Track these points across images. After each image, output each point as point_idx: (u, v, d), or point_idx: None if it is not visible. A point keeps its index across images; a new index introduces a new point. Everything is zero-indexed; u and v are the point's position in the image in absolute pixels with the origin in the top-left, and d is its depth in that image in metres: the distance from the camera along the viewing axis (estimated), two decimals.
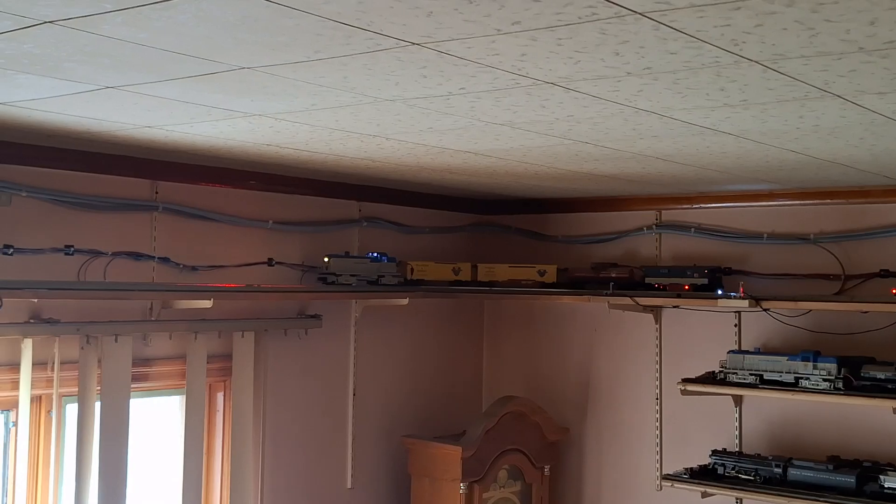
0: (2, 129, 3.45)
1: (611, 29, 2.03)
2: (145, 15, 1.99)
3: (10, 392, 3.87)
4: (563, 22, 1.97)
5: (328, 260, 4.71)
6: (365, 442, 5.21)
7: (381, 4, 1.87)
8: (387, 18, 1.97)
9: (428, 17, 1.96)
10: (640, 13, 1.91)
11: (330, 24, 2.03)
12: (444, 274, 5.18)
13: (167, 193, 4.33)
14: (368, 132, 3.32)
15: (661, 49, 2.18)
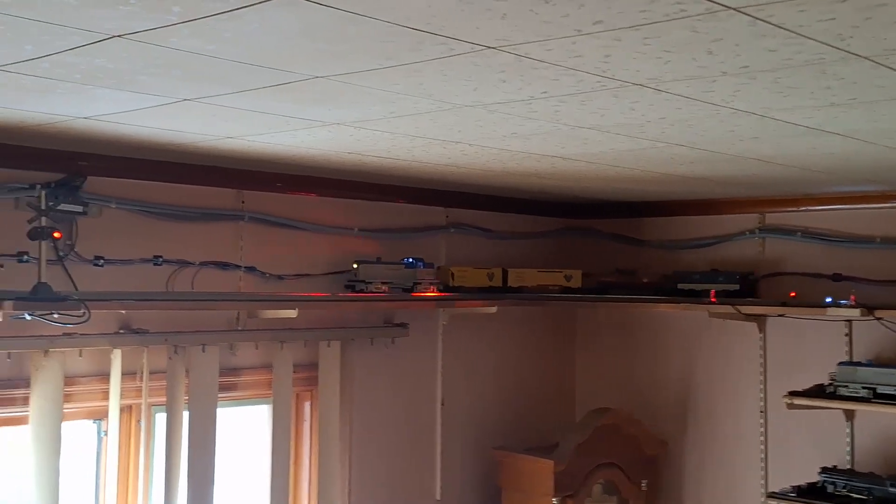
0: (89, 143, 3.47)
1: (702, 26, 1.87)
2: (211, 26, 1.92)
3: (101, 402, 3.90)
4: (648, 20, 1.83)
5: (357, 266, 4.43)
6: (453, 453, 5.10)
7: (452, 7, 1.76)
8: (458, 22, 1.86)
9: (502, 20, 1.83)
10: (735, 8, 1.75)
11: (398, 29, 1.92)
12: (480, 280, 4.93)
13: (253, 202, 4.32)
14: (450, 138, 3.22)
15: (759, 46, 2.01)
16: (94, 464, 4.03)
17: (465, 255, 5.03)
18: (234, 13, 1.84)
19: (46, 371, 3.64)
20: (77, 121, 3.03)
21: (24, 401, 3.66)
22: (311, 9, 1.80)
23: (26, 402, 3.65)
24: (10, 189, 3.61)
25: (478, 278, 4.87)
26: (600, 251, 5.67)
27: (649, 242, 5.50)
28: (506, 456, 4.98)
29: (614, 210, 5.57)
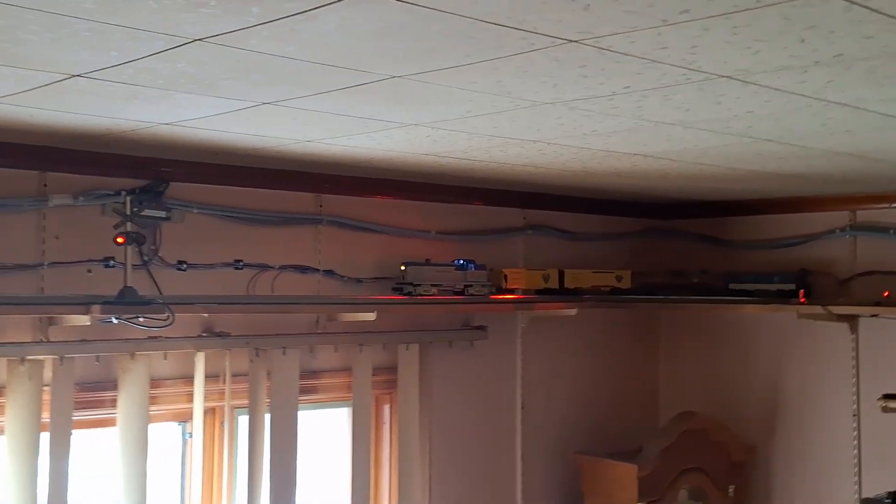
0: (171, 149, 3.52)
1: (795, 13, 1.80)
2: (290, 27, 1.92)
3: (186, 404, 3.95)
4: (738, 8, 1.76)
5: (405, 268, 4.31)
6: (534, 457, 5.04)
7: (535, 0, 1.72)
8: (540, 15, 1.82)
9: (585, 11, 1.79)
10: None
11: (479, 25, 1.89)
12: (535, 282, 4.74)
13: (331, 206, 4.33)
14: (528, 138, 3.17)
15: (855, 33, 1.92)
16: (178, 465, 4.09)
17: (543, 257, 4.97)
18: (311, 13, 1.83)
19: (133, 374, 3.70)
20: (160, 127, 3.07)
21: (111, 403, 3.73)
22: (390, 7, 1.78)
23: (114, 405, 3.72)
24: (97, 196, 3.68)
25: (533, 280, 4.73)
26: (684, 252, 5.54)
27: (735, 242, 5.36)
28: (588, 460, 4.90)
29: (698, 210, 5.44)
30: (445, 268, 4.42)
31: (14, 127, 3.09)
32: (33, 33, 2.01)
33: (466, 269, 4.48)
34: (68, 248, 3.64)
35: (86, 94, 2.58)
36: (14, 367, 3.44)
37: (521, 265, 4.90)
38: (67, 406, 3.55)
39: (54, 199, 3.59)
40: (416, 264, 4.34)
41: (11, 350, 3.43)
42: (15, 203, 3.52)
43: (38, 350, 3.49)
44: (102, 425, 3.80)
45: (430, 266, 4.39)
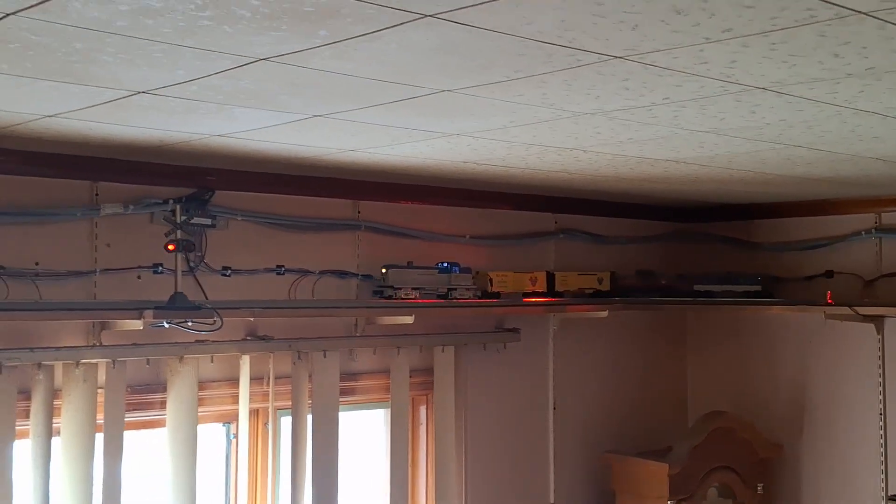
0: (220, 159, 3.65)
1: (830, 31, 1.90)
2: (353, 47, 2.04)
3: (231, 406, 4.08)
4: (777, 26, 1.87)
5: (385, 271, 4.24)
6: (566, 456, 5.15)
7: (585, 21, 1.84)
8: (590, 34, 1.93)
9: (633, 31, 1.90)
10: (865, 13, 1.78)
11: (531, 43, 2.01)
12: (522, 285, 4.70)
13: (368, 212, 4.45)
14: (566, 146, 3.28)
15: (887, 48, 2.03)
16: (223, 465, 4.22)
17: (574, 260, 5.08)
18: (375, 34, 1.95)
19: (181, 376, 3.83)
20: (212, 138, 3.20)
21: (161, 405, 3.86)
22: (448, 28, 1.90)
23: (163, 406, 3.85)
24: (146, 204, 3.81)
25: (519, 283, 4.68)
26: (711, 254, 5.64)
27: (761, 245, 5.45)
28: (618, 459, 5.00)
29: (725, 213, 5.53)
30: (428, 271, 4.36)
31: (71, 139, 3.23)
32: (110, 55, 2.14)
33: (450, 271, 4.41)
34: (119, 256, 3.77)
35: (148, 108, 2.71)
36: (69, 370, 3.57)
37: (553, 269, 5.01)
38: (120, 408, 3.68)
39: (106, 207, 3.73)
40: (397, 267, 4.28)
41: (67, 354, 3.57)
42: (69, 212, 3.66)
43: (92, 354, 3.63)
44: (152, 426, 3.93)
45: (412, 269, 4.32)
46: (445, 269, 4.40)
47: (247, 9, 1.80)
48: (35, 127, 3.00)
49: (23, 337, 3.52)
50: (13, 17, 1.85)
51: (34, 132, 3.09)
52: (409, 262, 4.36)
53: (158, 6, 1.78)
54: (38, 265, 3.57)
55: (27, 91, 2.49)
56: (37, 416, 3.49)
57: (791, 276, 5.21)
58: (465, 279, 4.45)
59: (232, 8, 1.79)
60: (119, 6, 1.79)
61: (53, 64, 2.21)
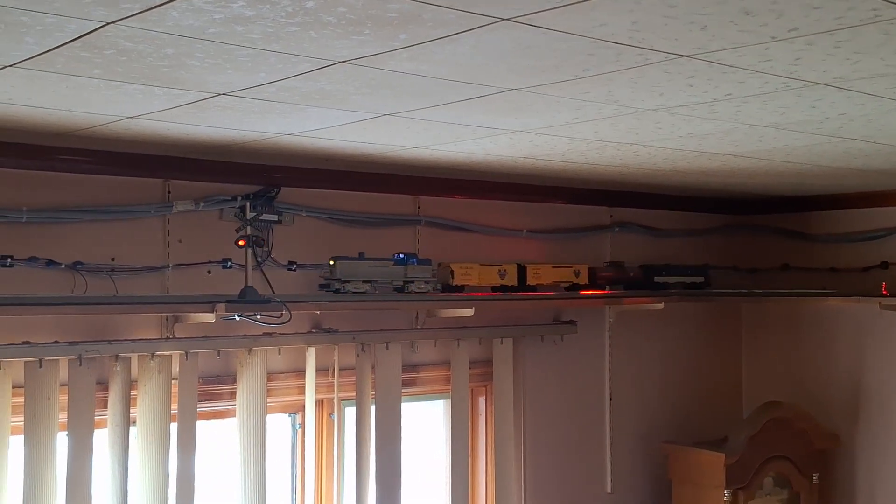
0: (287, 157, 3.77)
1: (894, 29, 1.96)
2: (429, 49, 2.13)
3: (297, 396, 4.21)
4: (843, 25, 1.93)
5: (333, 263, 3.97)
6: (623, 446, 5.22)
7: (657, 22, 1.91)
8: (660, 35, 2.00)
9: (702, 31, 1.97)
10: None
11: (601, 44, 2.08)
12: (490, 278, 4.46)
13: (428, 207, 4.55)
14: (626, 141, 3.35)
15: None
16: (289, 454, 4.34)
17: (630, 253, 5.13)
18: (452, 37, 2.05)
19: (250, 368, 3.96)
20: (283, 137, 3.32)
21: (231, 395, 4.00)
22: (524, 30, 1.99)
23: (233, 397, 3.99)
24: (216, 201, 3.95)
25: (487, 276, 4.44)
26: (766, 247, 5.66)
27: (816, 237, 5.46)
28: (675, 449, 5.06)
29: (780, 205, 5.55)
30: (382, 262, 4.11)
31: (148, 140, 3.36)
32: (198, 60, 2.26)
33: (406, 263, 4.16)
34: (190, 251, 3.91)
35: (226, 109, 2.83)
36: (145, 362, 3.71)
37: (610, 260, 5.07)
38: (193, 398, 3.81)
39: (178, 205, 3.86)
40: (346, 258, 4.02)
41: (142, 346, 3.71)
42: (143, 209, 3.80)
43: (166, 346, 3.77)
44: (222, 416, 4.07)
45: (363, 260, 4.07)
46: (401, 261, 4.15)
47: (333, 15, 1.90)
48: (116, 128, 3.13)
49: (100, 330, 3.67)
50: (112, 25, 1.97)
51: (114, 133, 3.22)
52: (360, 252, 4.10)
53: (250, 14, 1.89)
54: (114, 261, 3.72)
55: (114, 94, 2.61)
56: (114, 406, 3.64)
57: (846, 267, 5.21)
58: (424, 271, 4.19)
59: (319, 14, 1.89)
60: (214, 15, 1.90)
61: (143, 69, 2.33)
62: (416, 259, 4.18)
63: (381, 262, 4.09)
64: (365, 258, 4.07)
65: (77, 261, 3.58)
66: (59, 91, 2.56)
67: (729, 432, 5.08)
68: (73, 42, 2.07)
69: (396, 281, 4.13)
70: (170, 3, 1.82)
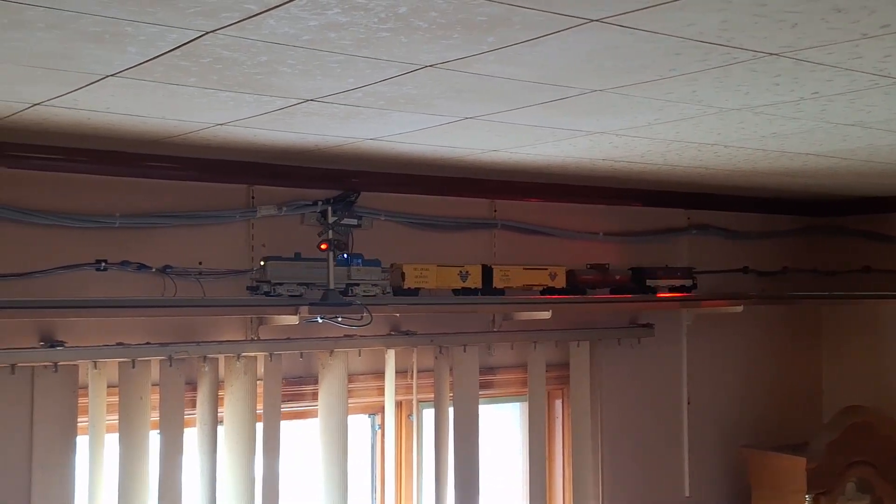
0: (366, 161, 3.83)
1: None
2: (516, 51, 2.17)
3: (376, 398, 4.27)
4: None
5: (263, 263, 3.68)
6: (701, 450, 5.17)
7: (746, 21, 1.92)
8: (749, 33, 2.01)
9: (792, 29, 1.97)
10: None
11: (689, 43, 2.09)
12: (450, 280, 4.15)
13: (504, 211, 4.58)
14: (707, 141, 3.34)
15: None
16: (369, 454, 4.41)
17: (708, 256, 5.10)
18: (539, 39, 2.08)
19: (332, 369, 4.03)
20: (365, 142, 3.38)
21: (313, 396, 4.07)
22: (612, 31, 2.01)
23: (315, 398, 4.06)
24: (297, 206, 4.03)
25: (445, 278, 4.13)
26: (846, 249, 5.56)
27: None
28: (755, 454, 5.00)
29: (861, 206, 5.45)
30: (318, 263, 3.77)
31: (234, 146, 3.46)
32: (290, 66, 2.33)
33: (350, 264, 3.85)
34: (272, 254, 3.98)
35: (312, 115, 2.90)
36: (231, 363, 3.81)
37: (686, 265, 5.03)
38: (277, 398, 3.90)
39: (262, 210, 3.95)
40: (278, 259, 3.72)
41: (229, 347, 3.81)
42: (229, 214, 3.90)
43: (251, 347, 3.86)
44: (304, 417, 4.15)
45: (298, 261, 3.75)
46: (344, 262, 3.83)
47: (425, 20, 1.94)
48: (205, 134, 3.23)
49: (189, 332, 3.77)
50: (211, 34, 2.05)
51: (203, 139, 3.32)
52: (296, 252, 3.78)
53: (344, 21, 1.95)
54: (201, 264, 3.82)
55: (207, 101, 2.70)
56: (203, 405, 3.74)
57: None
58: (372, 273, 3.90)
59: (411, 20, 1.94)
60: (309, 22, 1.96)
61: (237, 76, 2.41)
62: (361, 259, 3.88)
63: (320, 263, 3.75)
64: (301, 258, 3.74)
65: (166, 265, 3.69)
66: (155, 99, 2.66)
67: (809, 437, 5.01)
68: (173, 51, 2.16)
69: (339, 283, 3.80)
70: (268, 12, 1.89)
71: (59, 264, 3.47)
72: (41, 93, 2.54)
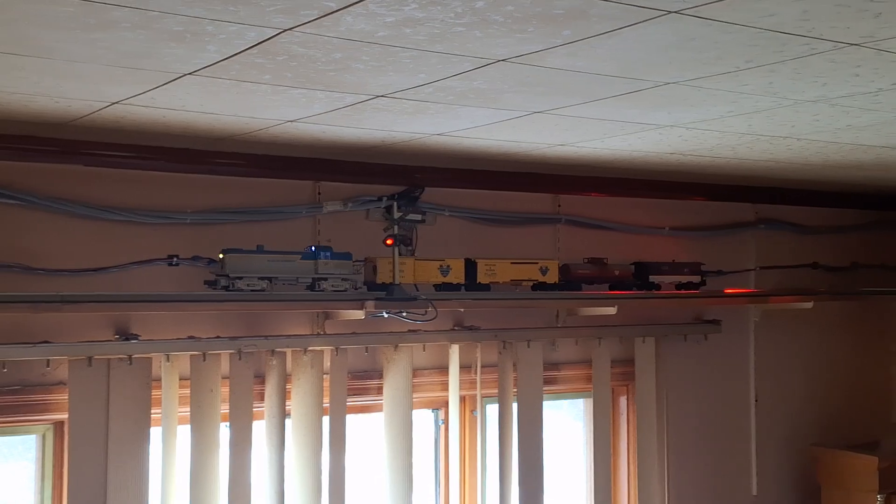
0: (430, 157, 3.84)
1: None
2: (591, 45, 2.15)
3: (439, 393, 4.28)
4: None
5: (222, 256, 3.51)
6: (769, 449, 5.10)
7: (828, 11, 1.88)
8: (829, 23, 1.97)
9: (875, 18, 1.93)
10: None
11: (767, 34, 2.06)
12: (428, 275, 3.96)
13: (568, 206, 4.56)
14: (780, 134, 3.29)
15: None
16: (432, 449, 4.42)
17: (776, 251, 5.02)
18: (615, 32, 2.06)
19: (396, 364, 4.06)
20: (431, 137, 3.39)
21: (377, 390, 4.10)
22: (689, 22, 1.98)
23: (379, 392, 4.09)
24: (362, 202, 4.06)
25: (424, 272, 3.94)
26: None
27: None
28: (824, 452, 4.91)
29: None
30: (286, 256, 3.64)
31: (302, 142, 3.49)
32: (363, 63, 2.34)
33: (317, 257, 3.69)
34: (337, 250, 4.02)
35: (381, 111, 2.92)
36: (298, 357, 3.85)
37: (754, 261, 4.98)
38: (343, 392, 3.93)
39: (327, 205, 3.99)
40: (238, 251, 3.55)
41: (296, 341, 3.85)
42: (295, 210, 3.94)
43: (317, 342, 3.89)
44: (368, 411, 4.18)
45: (260, 254, 3.59)
46: (311, 255, 3.69)
47: (501, 14, 1.94)
48: (274, 131, 3.27)
49: (257, 326, 3.82)
50: (288, 32, 2.07)
51: (271, 136, 3.36)
52: (258, 245, 3.63)
53: (421, 16, 1.96)
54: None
55: (279, 99, 2.73)
56: (271, 398, 3.79)
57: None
58: (341, 267, 3.73)
59: (487, 14, 1.94)
60: (385, 18, 1.97)
61: (310, 73, 2.43)
62: (329, 253, 3.71)
63: (285, 256, 3.62)
64: (263, 251, 3.59)
65: None
66: (228, 97, 2.69)
67: (878, 435, 4.91)
68: (250, 49, 2.19)
69: (304, 277, 3.67)
70: (346, 9, 1.90)
71: (133, 259, 3.54)
72: (121, 92, 2.59)
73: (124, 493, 3.44)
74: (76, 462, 3.39)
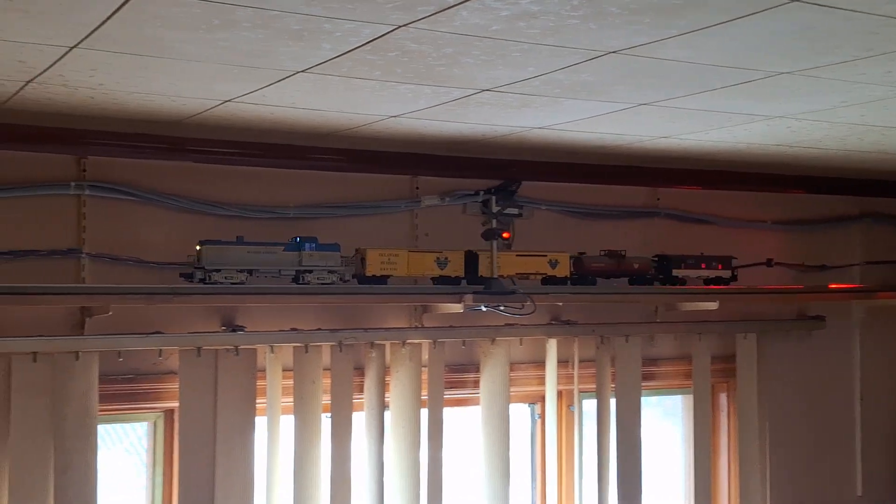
0: (527, 151, 3.83)
1: None
2: (705, 35, 2.13)
3: (536, 387, 4.28)
4: None
5: (200, 248, 3.34)
6: (875, 447, 4.96)
7: None
8: None
9: None
10: None
11: (889, 21, 2.01)
12: (423, 268, 3.78)
13: (667, 199, 4.50)
14: (894, 124, 3.19)
15: None
16: (528, 443, 4.42)
17: (882, 247, 4.87)
18: (732, 22, 2.03)
19: (493, 358, 4.06)
20: (532, 131, 3.39)
21: (473, 384, 4.12)
22: (809, 10, 1.94)
23: (476, 385, 4.11)
24: (459, 196, 4.07)
25: (419, 265, 3.76)
26: None
27: None
28: None
29: None
30: (268, 247, 3.49)
31: (403, 138, 3.53)
32: (473, 57, 2.35)
33: (302, 248, 3.53)
34: (435, 244, 4.04)
35: (484, 105, 2.93)
36: (396, 349, 3.89)
37: (859, 256, 4.84)
38: (440, 385, 3.96)
39: (425, 200, 4.02)
40: (216, 243, 3.38)
41: (395, 334, 3.89)
42: (394, 205, 3.98)
43: (416, 335, 3.93)
44: (465, 404, 4.20)
45: (239, 245, 3.43)
46: (296, 246, 3.53)
47: (616, 5, 1.93)
48: (377, 127, 3.31)
49: (357, 319, 3.87)
50: (402, 28, 2.09)
51: (373, 132, 3.40)
52: (238, 236, 3.47)
53: (536, 9, 1.96)
54: None
55: (387, 94, 2.76)
56: (370, 390, 3.84)
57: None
58: (329, 258, 3.56)
59: (603, 5, 1.93)
60: (500, 12, 1.98)
61: (420, 69, 2.46)
62: (315, 244, 3.55)
63: (266, 248, 3.48)
64: (242, 242, 3.44)
65: None
66: (337, 93, 2.74)
67: None
68: (363, 46, 2.22)
69: (288, 269, 3.52)
70: (462, 4, 1.92)
71: None
72: (234, 89, 2.66)
73: (232, 479, 3.53)
74: (186, 448, 3.49)
